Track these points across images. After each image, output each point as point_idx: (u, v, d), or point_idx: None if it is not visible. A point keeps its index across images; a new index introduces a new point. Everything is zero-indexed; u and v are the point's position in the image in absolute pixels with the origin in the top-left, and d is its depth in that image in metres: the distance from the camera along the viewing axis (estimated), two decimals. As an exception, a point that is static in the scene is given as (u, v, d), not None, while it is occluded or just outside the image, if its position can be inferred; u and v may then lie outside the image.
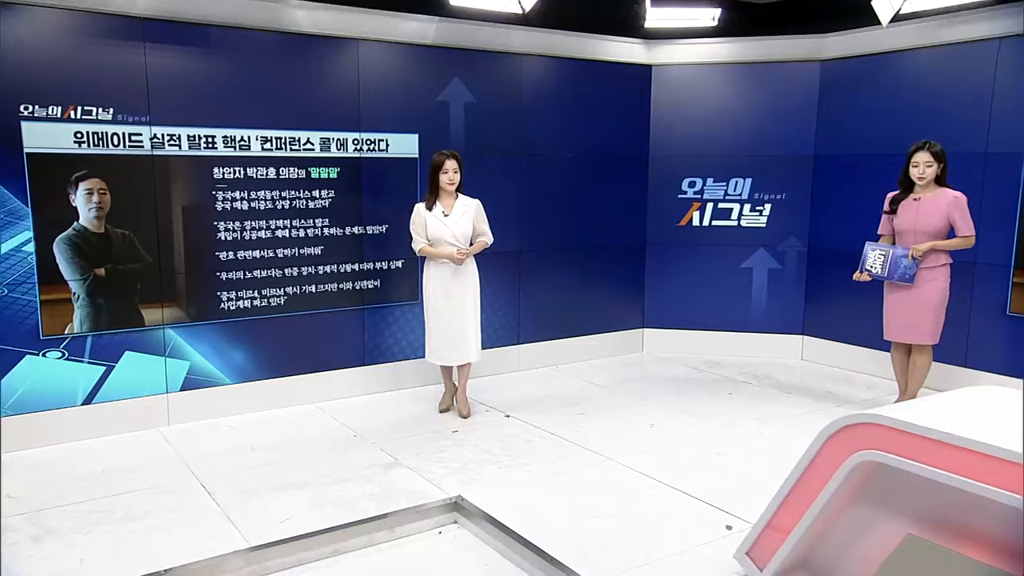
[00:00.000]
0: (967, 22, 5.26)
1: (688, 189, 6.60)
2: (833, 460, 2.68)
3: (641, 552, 3.23)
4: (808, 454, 2.77)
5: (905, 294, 4.69)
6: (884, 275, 4.70)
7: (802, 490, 2.78)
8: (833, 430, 2.69)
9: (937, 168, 4.58)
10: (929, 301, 4.63)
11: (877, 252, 4.72)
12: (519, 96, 5.91)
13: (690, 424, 4.92)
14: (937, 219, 4.58)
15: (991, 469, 2.27)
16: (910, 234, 4.66)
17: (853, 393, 5.60)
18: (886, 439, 2.53)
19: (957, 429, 2.38)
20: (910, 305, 4.68)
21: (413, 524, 3.51)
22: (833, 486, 2.67)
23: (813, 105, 6.26)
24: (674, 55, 6.43)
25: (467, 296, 4.93)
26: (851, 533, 2.77)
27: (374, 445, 4.53)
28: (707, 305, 6.67)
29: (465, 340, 4.95)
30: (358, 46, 5.18)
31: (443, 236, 4.81)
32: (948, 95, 5.42)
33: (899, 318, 4.75)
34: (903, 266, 4.61)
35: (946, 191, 4.61)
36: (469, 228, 4.87)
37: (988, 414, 2.63)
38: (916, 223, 4.63)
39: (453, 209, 4.84)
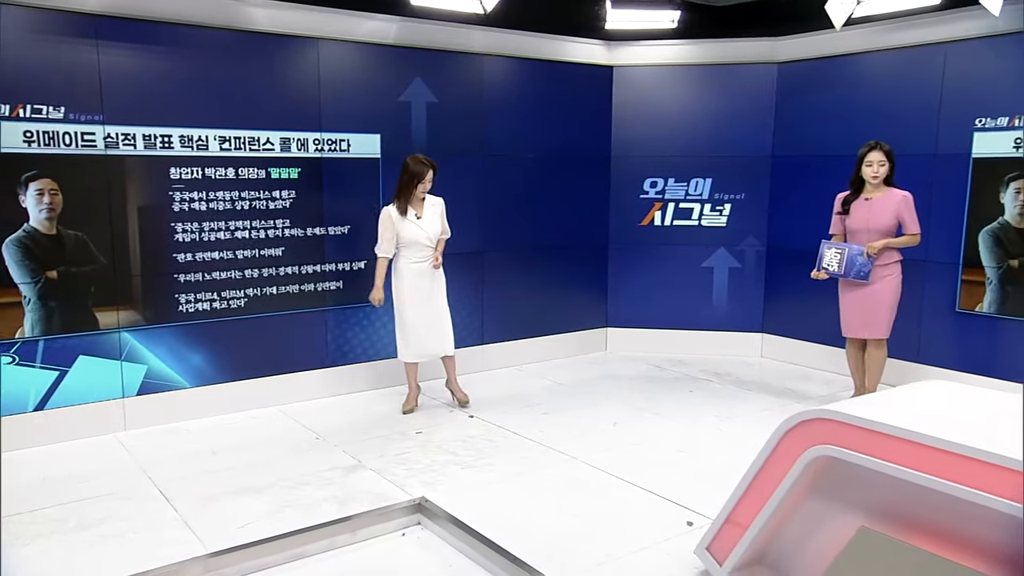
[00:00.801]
0: (915, 27, 5.39)
1: (650, 189, 6.66)
2: (789, 455, 2.72)
3: (603, 550, 3.25)
4: (765, 450, 2.81)
5: (861, 292, 4.78)
6: (841, 273, 4.78)
7: (760, 485, 2.82)
8: (789, 426, 2.73)
9: (888, 168, 4.68)
10: (884, 298, 4.74)
11: (833, 251, 4.80)
12: (481, 96, 5.90)
13: (652, 422, 4.96)
14: (888, 218, 4.68)
15: (941, 462, 2.32)
16: (863, 233, 4.75)
17: (811, 389, 5.70)
18: (840, 434, 2.58)
19: (908, 424, 2.43)
20: (866, 302, 4.77)
21: (376, 526, 3.47)
22: (789, 481, 2.71)
23: (770, 106, 6.36)
24: (634, 56, 6.48)
25: (440, 291, 5.04)
26: (807, 527, 2.82)
27: (336, 447, 4.48)
28: (669, 304, 6.73)
29: (443, 333, 5.06)
30: (318, 45, 5.13)
31: (418, 239, 4.86)
32: (899, 97, 5.54)
33: (856, 315, 4.84)
34: (859, 264, 4.70)
35: (894, 191, 4.72)
36: (439, 227, 4.95)
37: (937, 408, 2.69)
38: (869, 222, 4.73)
39: (424, 212, 4.89)
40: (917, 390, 2.97)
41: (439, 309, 5.05)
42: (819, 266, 4.89)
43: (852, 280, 4.77)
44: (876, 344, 4.83)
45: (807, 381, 5.94)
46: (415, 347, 5.03)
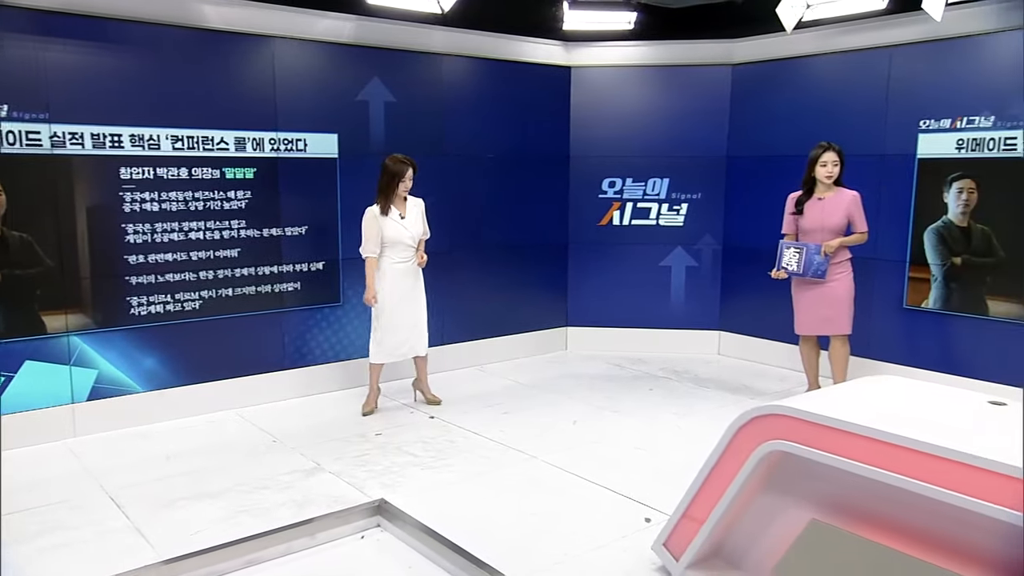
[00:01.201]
0: (862, 31, 5.52)
1: (608, 189, 6.71)
2: (743, 451, 2.77)
3: (561, 548, 3.27)
4: (720, 446, 2.85)
5: (819, 290, 4.86)
6: (799, 272, 4.85)
7: (715, 481, 2.86)
8: (742, 422, 2.77)
9: (840, 168, 4.79)
10: (841, 295, 4.84)
11: (792, 250, 4.88)
12: (440, 96, 5.88)
13: (612, 420, 5.00)
14: (840, 217, 4.79)
15: (890, 456, 2.38)
16: (817, 232, 4.85)
17: (766, 386, 5.80)
18: (791, 429, 2.63)
19: (857, 419, 2.49)
20: (825, 300, 4.86)
21: (334, 530, 3.44)
22: (743, 476, 2.76)
23: (725, 107, 6.45)
24: (592, 57, 6.52)
25: (421, 292, 5.09)
26: (760, 520, 2.87)
27: (294, 451, 4.43)
28: (628, 303, 6.78)
29: (420, 334, 5.10)
30: (272, 43, 5.06)
31: (402, 239, 4.87)
32: (847, 99, 5.67)
33: (816, 312, 4.91)
34: (816, 263, 4.78)
35: (845, 190, 4.83)
36: (421, 228, 5.00)
37: (886, 403, 2.76)
38: (823, 221, 4.82)
39: (407, 212, 4.91)
40: (866, 385, 3.04)
41: (419, 310, 5.08)
42: (778, 265, 4.96)
43: (808, 279, 4.85)
44: (841, 341, 4.93)
45: (763, 378, 6.04)
46: (389, 348, 5.03)
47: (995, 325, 5.03)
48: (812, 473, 2.67)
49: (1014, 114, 4.83)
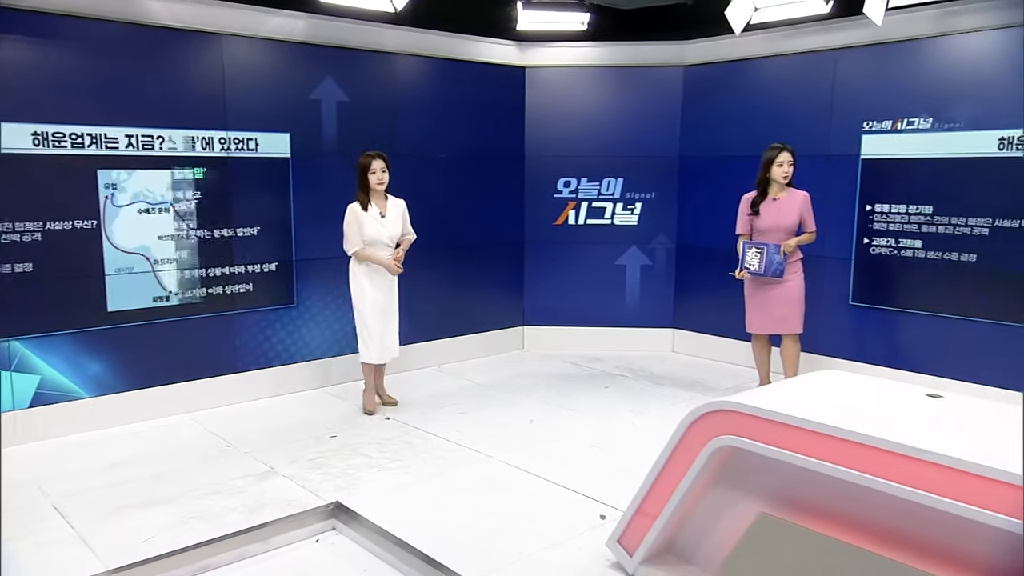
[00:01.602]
0: (808, 34, 5.65)
1: (563, 189, 6.74)
2: (694, 446, 2.81)
3: (517, 547, 3.28)
4: (671, 441, 2.89)
5: (773, 290, 4.95)
6: (761, 271, 4.90)
7: (667, 476, 2.90)
8: (693, 418, 2.82)
9: (793, 168, 4.89)
10: (794, 293, 4.95)
11: (754, 250, 4.93)
12: (394, 95, 5.84)
13: (568, 418, 5.03)
14: (794, 217, 4.90)
15: (836, 450, 2.45)
16: (773, 232, 4.93)
17: (719, 382, 5.90)
18: (741, 424, 2.68)
19: (804, 413, 2.55)
20: (778, 300, 4.95)
21: (288, 534, 3.40)
22: (694, 471, 2.80)
23: (677, 108, 6.54)
24: (546, 57, 6.55)
25: (395, 293, 5.08)
26: (711, 515, 2.92)
27: (247, 455, 4.36)
28: (584, 302, 6.83)
29: (396, 335, 5.10)
30: (221, 41, 4.97)
31: (380, 237, 4.86)
32: (794, 101, 5.80)
33: (770, 312, 4.99)
34: (776, 262, 4.86)
35: (796, 191, 4.94)
36: (400, 229, 4.99)
37: (832, 397, 2.83)
38: (778, 221, 4.91)
39: (388, 210, 4.90)
40: (812, 380, 3.11)
41: (395, 312, 5.08)
42: (741, 266, 5.00)
43: (765, 279, 4.92)
44: (792, 339, 5.03)
45: (716, 374, 6.14)
46: (378, 348, 5.00)
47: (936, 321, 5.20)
48: (761, 467, 2.73)
49: (951, 116, 5.00)
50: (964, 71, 4.96)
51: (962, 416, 2.60)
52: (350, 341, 5.81)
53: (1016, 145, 4.75)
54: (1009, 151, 4.78)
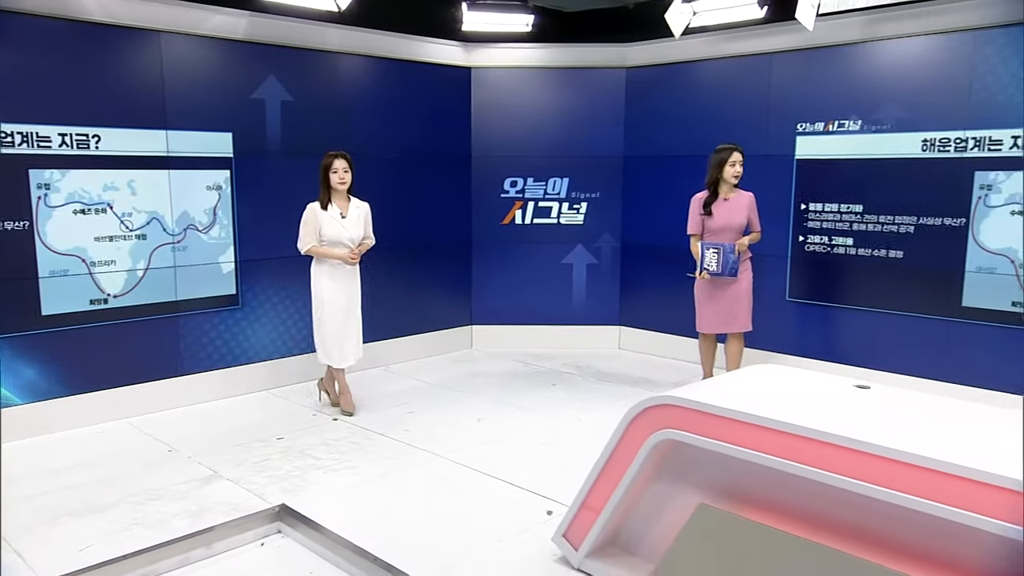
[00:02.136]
0: (744, 38, 5.79)
1: (510, 188, 6.77)
2: (636, 441, 2.86)
3: (464, 544, 3.28)
4: (615, 436, 2.93)
5: (728, 289, 5.00)
6: (719, 272, 4.94)
7: (610, 471, 2.94)
8: (635, 413, 2.86)
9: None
10: (745, 292, 5.03)
11: (712, 251, 4.95)
12: (339, 95, 5.78)
13: (516, 416, 5.05)
14: (744, 216, 4.98)
15: (773, 441, 2.51)
16: (725, 232, 4.98)
17: (664, 377, 5.99)
18: (680, 418, 2.74)
19: (742, 406, 2.62)
20: (732, 298, 5.01)
21: (232, 538, 3.34)
22: (637, 464, 2.85)
23: (620, 109, 6.63)
24: (492, 58, 6.56)
25: (358, 297, 5.01)
26: (654, 507, 2.97)
27: (191, 459, 4.26)
28: (532, 300, 6.87)
29: (357, 339, 5.03)
30: (160, 38, 4.85)
31: (340, 238, 4.79)
32: (732, 103, 5.93)
33: (722, 311, 5.04)
34: (731, 261, 4.92)
35: (743, 191, 5.03)
36: (362, 231, 4.91)
37: (769, 390, 2.91)
38: (730, 221, 4.97)
39: (349, 211, 4.84)
40: (749, 374, 3.19)
41: (357, 314, 5.02)
42: (701, 267, 5.00)
43: (718, 278, 4.96)
44: (738, 336, 5.12)
45: (661, 370, 6.23)
46: (337, 351, 4.94)
47: (866, 315, 5.38)
48: (701, 460, 2.79)
49: (878, 119, 5.18)
50: (890, 76, 5.14)
51: (887, 405, 2.70)
52: (298, 342, 5.74)
53: (938, 147, 4.95)
54: (932, 152, 4.98)
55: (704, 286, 5.07)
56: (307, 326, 5.74)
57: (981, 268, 4.85)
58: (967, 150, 4.84)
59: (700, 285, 5.09)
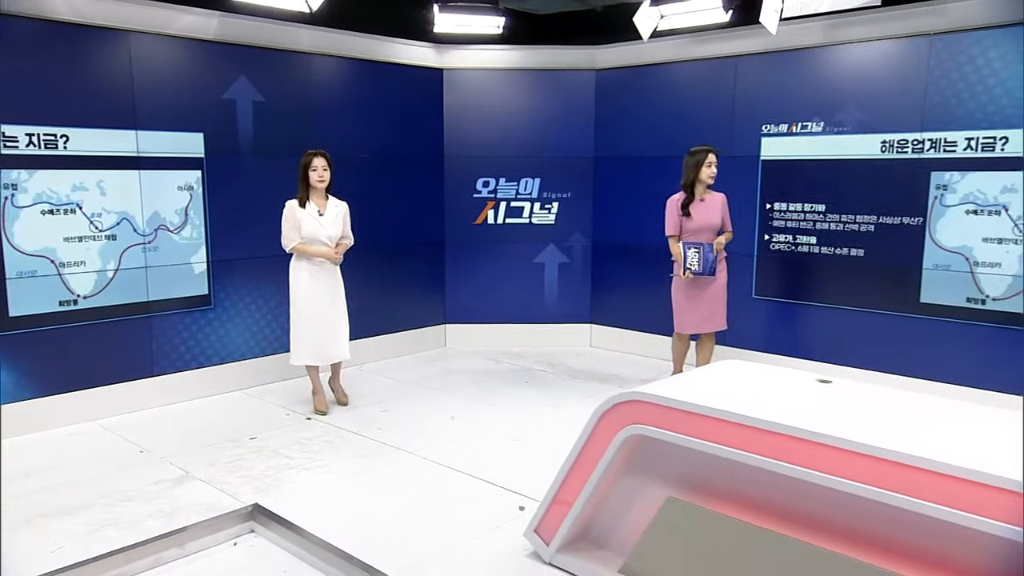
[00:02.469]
0: (711, 41, 5.85)
1: (482, 188, 6.77)
2: (605, 436, 2.89)
3: (438, 541, 3.29)
4: (585, 432, 2.96)
5: (707, 288, 5.02)
6: (701, 271, 4.96)
7: (581, 466, 2.97)
8: (604, 409, 2.89)
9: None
10: (723, 291, 5.07)
11: (694, 250, 4.96)
12: (311, 96, 5.74)
13: (489, 414, 5.06)
14: (719, 216, 5.02)
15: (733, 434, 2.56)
16: (703, 232, 5.00)
17: (634, 374, 6.03)
18: (648, 414, 2.77)
19: (708, 401, 2.65)
20: (710, 297, 5.04)
21: (205, 538, 3.31)
22: (607, 459, 2.88)
23: (591, 111, 6.66)
24: (464, 60, 6.56)
25: (340, 294, 5.00)
26: (623, 501, 3.00)
27: (163, 460, 4.22)
28: (504, 299, 6.88)
29: (342, 338, 5.02)
30: (129, 38, 4.78)
31: (318, 236, 4.79)
32: (700, 105, 5.99)
33: (703, 310, 5.06)
34: (711, 260, 4.96)
35: (715, 192, 5.07)
36: (340, 229, 4.91)
37: (735, 386, 2.95)
38: (707, 221, 5.00)
39: (327, 210, 4.85)
40: (715, 370, 3.24)
41: (341, 312, 5.00)
42: (685, 267, 4.99)
43: (697, 278, 4.97)
44: (711, 335, 5.16)
45: (631, 367, 6.28)
46: (312, 350, 4.91)
47: (829, 312, 5.48)
48: (669, 454, 2.83)
49: (839, 120, 5.28)
50: (850, 79, 5.24)
51: (848, 399, 2.76)
52: (271, 342, 5.70)
53: (896, 148, 5.05)
54: (890, 153, 5.08)
55: (684, 287, 5.06)
56: (280, 326, 5.71)
57: (938, 265, 4.96)
58: (923, 151, 4.95)
59: (680, 286, 5.08)
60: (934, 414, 2.63)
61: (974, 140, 4.75)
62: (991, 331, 4.80)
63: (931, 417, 2.59)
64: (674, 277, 5.13)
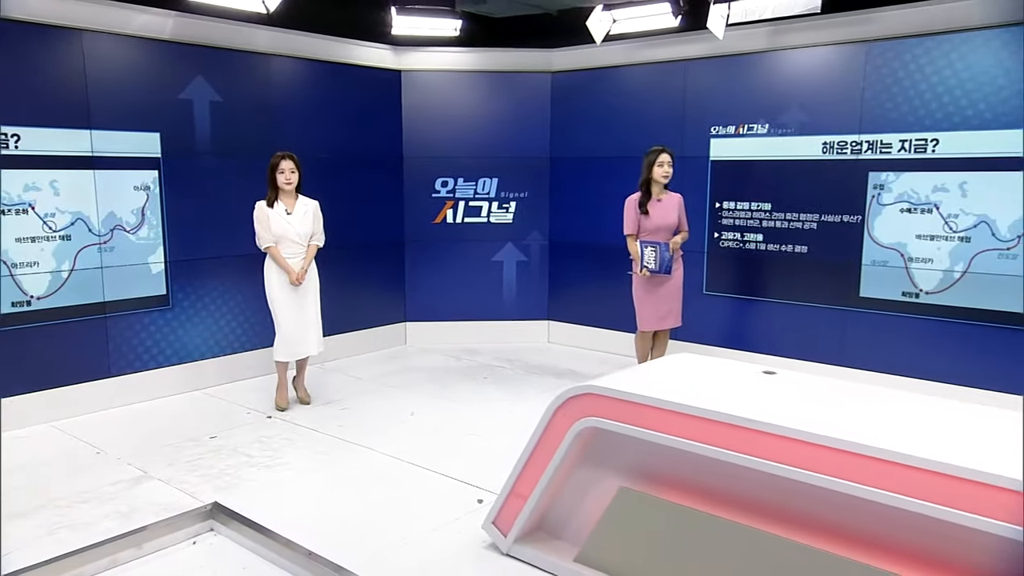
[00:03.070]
0: (662, 45, 5.91)
1: (441, 188, 6.74)
2: (560, 429, 2.90)
3: (397, 534, 3.27)
4: (540, 425, 2.96)
5: (664, 287, 5.04)
6: (658, 269, 4.97)
7: (537, 459, 2.97)
8: (559, 402, 2.90)
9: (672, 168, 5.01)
10: (678, 289, 5.09)
11: (650, 249, 4.97)
12: (269, 96, 5.64)
13: (448, 409, 5.04)
14: (675, 216, 5.03)
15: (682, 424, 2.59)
16: (660, 231, 5.01)
17: (590, 369, 6.06)
18: (600, 406, 2.79)
19: (659, 393, 2.68)
20: (667, 295, 5.06)
21: (163, 538, 3.23)
22: (562, 452, 2.89)
23: (547, 112, 6.68)
24: (421, 62, 6.52)
25: (311, 291, 4.97)
26: (578, 492, 3.02)
27: (120, 460, 4.11)
28: (464, 297, 6.86)
29: (311, 334, 5.00)
30: (82, 37, 4.63)
31: (286, 234, 4.78)
32: (652, 107, 6.05)
33: (661, 307, 5.08)
34: (667, 259, 4.97)
35: (672, 192, 5.08)
36: (310, 227, 4.90)
37: (681, 378, 2.99)
38: (664, 220, 5.01)
39: (295, 208, 4.84)
40: (666, 363, 3.27)
41: (312, 309, 4.98)
42: (642, 265, 4.99)
43: (655, 276, 4.99)
44: (666, 331, 5.20)
45: (588, 362, 6.31)
46: (291, 346, 4.92)
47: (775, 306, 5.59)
48: (621, 445, 2.85)
49: (783, 122, 5.38)
50: (793, 83, 5.34)
51: (791, 389, 2.82)
52: (231, 342, 5.60)
53: (836, 149, 5.17)
54: (831, 154, 5.20)
55: (643, 285, 5.07)
56: (240, 325, 5.61)
57: (875, 261, 5.09)
58: (861, 152, 5.08)
59: (640, 284, 5.09)
60: (871, 402, 2.69)
61: (907, 142, 4.89)
62: (925, 323, 4.95)
63: (868, 405, 2.66)
64: (632, 275, 5.16)
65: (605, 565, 2.83)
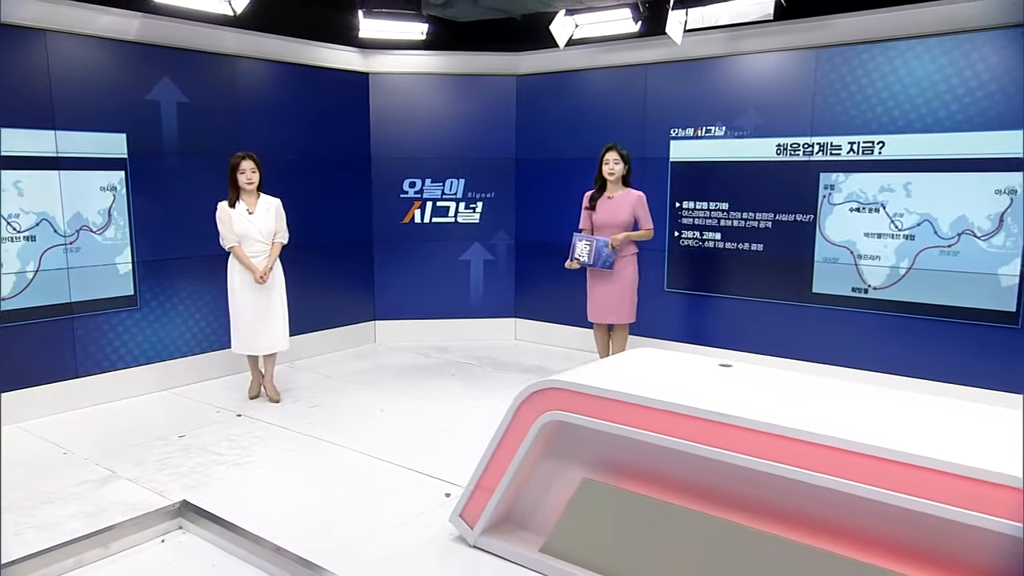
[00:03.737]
0: (623, 49, 5.95)
1: (409, 189, 6.70)
2: (525, 423, 2.90)
3: (366, 529, 3.24)
4: (505, 420, 2.97)
5: (608, 282, 5.05)
6: (590, 262, 4.98)
7: (502, 452, 2.98)
8: (523, 397, 2.91)
9: (623, 168, 5.01)
10: (625, 285, 5.07)
11: (583, 242, 5.00)
12: (236, 98, 5.55)
13: (416, 406, 5.02)
14: (626, 214, 5.02)
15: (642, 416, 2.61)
16: (608, 227, 5.03)
17: (555, 365, 6.06)
18: (563, 400, 2.80)
19: (620, 387, 2.70)
20: (611, 290, 5.07)
21: (131, 537, 3.16)
22: (526, 445, 2.89)
23: (512, 114, 6.68)
24: (389, 64, 6.47)
25: (275, 288, 4.93)
26: (543, 484, 3.02)
27: (87, 461, 4.01)
28: (432, 295, 6.83)
29: (275, 330, 4.95)
30: (45, 37, 4.51)
31: (248, 232, 4.77)
32: (614, 110, 6.08)
33: (603, 301, 5.10)
34: (604, 255, 4.97)
35: (631, 190, 5.08)
36: (273, 225, 4.88)
37: (641, 372, 3.01)
38: (612, 217, 5.01)
39: (257, 207, 4.82)
40: (627, 358, 3.30)
41: (273, 305, 4.93)
42: (572, 256, 5.03)
43: (599, 270, 5.02)
44: (622, 327, 5.23)
45: (554, 359, 6.32)
46: (245, 341, 4.90)
47: (732, 302, 5.67)
48: (584, 438, 2.86)
49: (739, 125, 5.45)
50: (748, 86, 5.42)
51: (746, 381, 2.86)
52: (199, 341, 5.50)
53: (789, 151, 5.26)
54: (784, 156, 5.29)
55: (591, 279, 5.10)
56: (208, 324, 5.52)
57: (827, 258, 5.19)
58: (813, 154, 5.17)
59: (589, 278, 5.12)
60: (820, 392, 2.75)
61: (856, 144, 4.99)
62: (873, 317, 5.06)
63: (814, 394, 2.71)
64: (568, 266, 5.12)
65: (570, 554, 2.84)
